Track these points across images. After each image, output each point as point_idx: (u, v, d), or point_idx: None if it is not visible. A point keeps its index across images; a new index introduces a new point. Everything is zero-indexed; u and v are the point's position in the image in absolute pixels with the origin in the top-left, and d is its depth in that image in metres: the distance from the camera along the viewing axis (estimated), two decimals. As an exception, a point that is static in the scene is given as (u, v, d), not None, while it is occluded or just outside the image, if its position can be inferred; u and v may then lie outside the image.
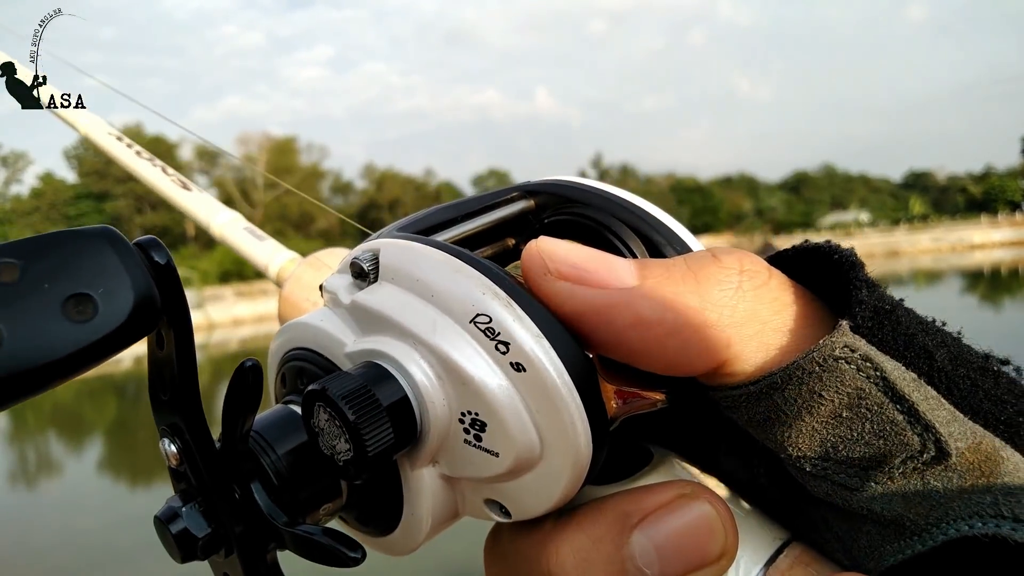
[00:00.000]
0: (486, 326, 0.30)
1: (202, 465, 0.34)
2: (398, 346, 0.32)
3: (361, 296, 0.34)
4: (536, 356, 0.29)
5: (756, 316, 0.30)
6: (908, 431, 0.28)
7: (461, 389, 0.31)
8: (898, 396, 0.28)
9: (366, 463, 0.30)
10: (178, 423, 0.33)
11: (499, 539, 0.36)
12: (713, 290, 0.30)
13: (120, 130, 0.86)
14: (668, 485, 0.32)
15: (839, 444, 0.29)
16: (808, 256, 0.33)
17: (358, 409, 0.30)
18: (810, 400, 0.29)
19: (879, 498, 0.29)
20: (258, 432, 0.35)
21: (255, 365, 0.33)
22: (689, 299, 0.29)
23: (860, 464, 0.29)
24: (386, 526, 0.36)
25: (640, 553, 0.30)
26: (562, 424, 0.30)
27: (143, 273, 0.27)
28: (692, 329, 0.29)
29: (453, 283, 0.31)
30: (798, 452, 0.30)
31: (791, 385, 0.29)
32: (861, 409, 0.28)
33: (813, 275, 0.32)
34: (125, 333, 0.26)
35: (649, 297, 0.29)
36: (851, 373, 0.28)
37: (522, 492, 0.32)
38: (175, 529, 0.34)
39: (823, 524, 0.32)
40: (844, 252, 0.31)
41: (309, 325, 0.36)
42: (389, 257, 0.34)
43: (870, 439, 0.28)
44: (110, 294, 0.26)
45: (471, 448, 0.31)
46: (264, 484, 0.34)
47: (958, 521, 0.27)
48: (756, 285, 0.30)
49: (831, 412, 0.29)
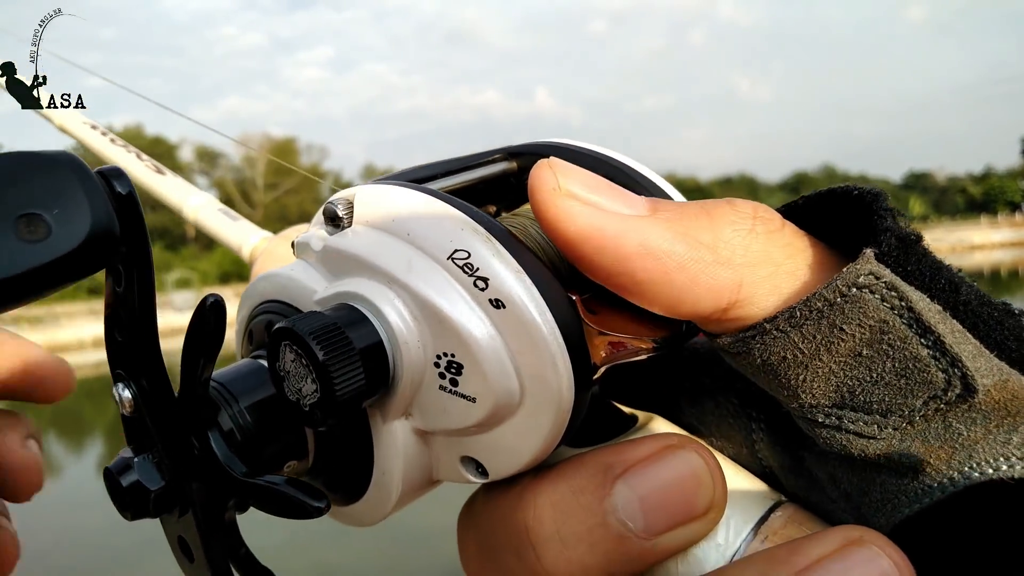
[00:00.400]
0: (464, 262, 0.29)
1: (159, 413, 0.32)
2: (371, 286, 0.31)
3: (334, 240, 0.33)
4: (516, 293, 0.28)
5: (769, 258, 0.28)
6: (932, 367, 0.26)
7: (437, 329, 0.29)
8: (924, 328, 0.26)
9: (334, 406, 0.29)
10: (134, 367, 0.32)
11: (472, 509, 0.35)
12: (726, 229, 0.28)
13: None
14: (654, 437, 0.31)
15: (856, 388, 0.27)
16: (823, 204, 0.31)
17: (327, 346, 0.28)
18: (830, 335, 0.27)
19: (898, 444, 0.27)
20: (221, 383, 0.33)
21: (216, 301, 0.31)
22: (701, 235, 0.28)
23: (879, 409, 0.27)
24: (355, 490, 0.34)
25: (623, 505, 0.29)
26: (543, 365, 0.28)
27: (103, 200, 0.26)
28: (702, 265, 0.27)
29: (430, 219, 0.30)
30: (811, 399, 0.28)
31: (810, 320, 0.27)
32: (883, 345, 0.26)
33: (830, 225, 0.31)
34: (79, 260, 0.25)
35: (660, 226, 0.28)
36: (875, 303, 0.26)
37: (499, 445, 0.31)
38: (126, 481, 0.32)
39: (830, 482, 0.30)
40: (863, 187, 0.29)
41: (278, 275, 0.35)
42: (364, 200, 0.33)
43: (891, 379, 0.27)
44: (65, 217, 0.25)
45: (446, 395, 0.30)
46: (225, 437, 0.32)
47: (983, 464, 0.25)
48: (769, 229, 0.29)
49: (850, 350, 0.27)
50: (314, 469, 0.35)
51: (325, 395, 0.28)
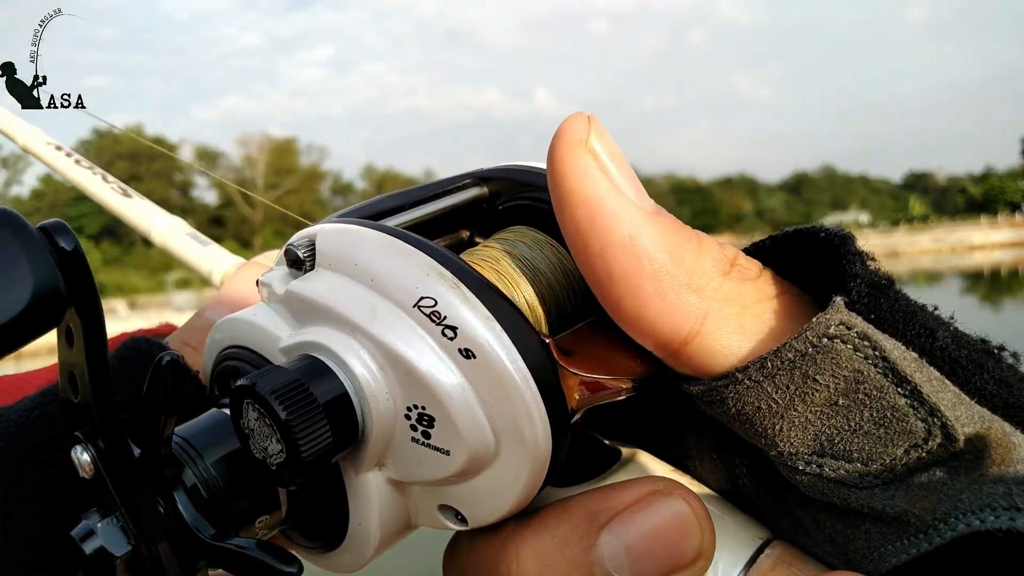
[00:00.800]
0: (431, 310, 0.28)
1: (119, 475, 0.30)
2: (336, 336, 0.29)
3: (296, 285, 0.31)
4: (487, 341, 0.27)
5: (738, 299, 0.28)
6: (911, 416, 0.26)
7: (406, 380, 0.28)
8: (900, 378, 0.26)
9: (300, 466, 0.27)
10: (90, 428, 0.30)
11: (456, 550, 0.34)
12: (707, 260, 0.28)
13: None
14: (638, 482, 0.30)
15: (835, 436, 0.27)
16: (793, 243, 0.30)
17: (290, 406, 0.27)
18: (803, 386, 0.26)
19: (880, 494, 0.26)
20: (184, 439, 0.32)
21: (173, 360, 0.29)
22: (686, 255, 0.27)
23: (859, 458, 0.27)
24: (332, 540, 0.33)
25: (609, 556, 0.28)
26: (517, 415, 0.27)
27: (45, 259, 0.25)
28: (675, 283, 0.27)
29: (394, 265, 0.29)
30: (790, 448, 0.28)
31: (782, 370, 0.26)
32: (859, 395, 0.26)
33: (804, 267, 0.30)
34: (23, 324, 0.24)
35: (653, 230, 0.27)
36: (847, 353, 0.26)
37: (478, 494, 0.30)
38: (90, 548, 0.30)
39: (813, 525, 0.29)
40: (832, 230, 0.29)
41: (241, 320, 0.33)
42: (326, 242, 0.31)
43: (870, 428, 0.26)
44: (6, 280, 0.24)
45: (419, 447, 0.29)
46: (191, 496, 0.31)
47: (968, 515, 0.25)
48: (744, 278, 0.29)
49: (826, 400, 0.26)
50: (287, 521, 0.34)
51: (291, 455, 0.27)
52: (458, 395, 0.28)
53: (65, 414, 0.31)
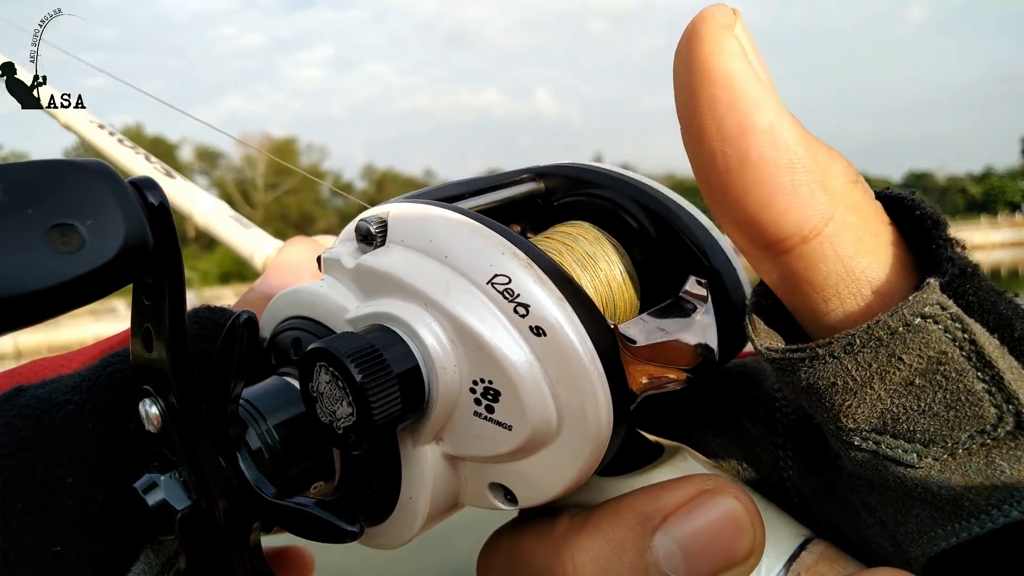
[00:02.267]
0: (504, 287, 0.28)
1: (187, 431, 0.31)
2: (407, 308, 0.30)
3: (367, 258, 0.32)
4: (558, 320, 0.27)
5: (861, 209, 0.27)
6: (985, 402, 0.25)
7: (475, 355, 0.29)
8: (984, 362, 0.25)
9: (370, 430, 0.28)
10: (162, 383, 0.31)
11: (498, 547, 0.34)
12: (837, 165, 0.27)
13: (121, 131, 0.86)
14: (689, 480, 0.30)
15: (901, 416, 0.27)
16: (890, 202, 0.30)
17: (366, 369, 0.28)
18: (887, 364, 0.26)
19: (936, 476, 0.26)
20: (248, 401, 0.33)
21: (251, 318, 0.30)
22: (820, 154, 0.27)
23: (920, 438, 0.26)
24: (379, 513, 0.34)
25: (665, 556, 0.28)
26: (583, 394, 0.28)
27: (136, 211, 0.25)
28: (810, 178, 0.26)
29: (470, 243, 0.30)
30: (852, 424, 0.27)
31: (868, 347, 0.26)
32: (938, 376, 0.26)
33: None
34: (111, 273, 0.24)
35: (791, 124, 0.27)
36: (938, 335, 0.26)
37: (532, 473, 0.30)
38: (153, 500, 0.31)
39: (864, 509, 0.30)
40: (927, 208, 0.29)
41: (306, 290, 0.34)
42: (399, 219, 0.32)
43: (939, 409, 0.26)
44: (99, 228, 0.24)
45: (481, 421, 0.29)
46: (253, 456, 0.32)
47: (1023, 503, 0.25)
48: (866, 190, 0.28)
49: (904, 379, 0.26)
50: (339, 490, 0.35)
51: (361, 419, 0.28)
52: (526, 371, 0.28)
53: (135, 370, 0.32)
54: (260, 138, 55.28)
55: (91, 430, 0.32)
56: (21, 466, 0.30)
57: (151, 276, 0.28)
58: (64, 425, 0.32)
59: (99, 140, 0.83)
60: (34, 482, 0.30)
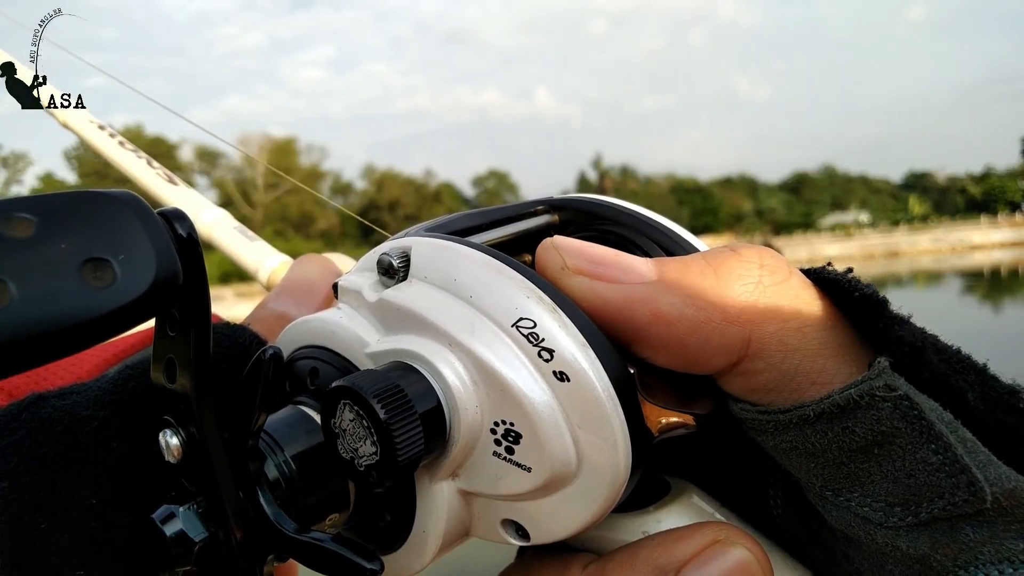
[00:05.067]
0: (529, 331, 0.29)
1: (208, 463, 0.31)
2: (430, 346, 0.30)
3: (390, 293, 0.32)
4: (581, 366, 0.28)
5: (777, 314, 0.29)
6: (942, 473, 0.27)
7: (497, 396, 0.29)
8: (935, 437, 0.27)
9: (394, 470, 0.28)
10: (184, 414, 0.31)
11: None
12: (734, 285, 0.29)
13: (121, 131, 0.85)
14: (701, 529, 0.30)
15: (866, 478, 0.28)
16: (827, 283, 0.31)
17: (392, 409, 0.28)
18: (842, 435, 0.28)
19: (905, 535, 0.28)
20: (265, 431, 0.33)
21: (277, 354, 0.30)
22: (709, 294, 0.29)
23: (887, 500, 0.28)
24: (389, 544, 0.34)
25: None
26: (603, 439, 0.28)
27: (167, 244, 0.25)
28: (712, 326, 0.28)
29: (495, 284, 0.30)
30: (822, 482, 0.29)
31: (822, 420, 0.28)
32: (895, 447, 0.27)
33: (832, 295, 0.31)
34: (142, 307, 0.24)
35: (668, 292, 0.29)
36: (888, 411, 0.27)
37: (548, 513, 0.30)
38: (171, 531, 0.31)
39: (843, 558, 0.31)
40: (866, 288, 0.30)
41: (326, 321, 0.34)
42: (423, 255, 0.32)
43: (900, 477, 0.27)
44: (131, 262, 0.24)
45: (500, 461, 0.30)
46: (271, 488, 0.31)
47: (987, 566, 0.26)
48: (776, 281, 0.29)
49: (861, 448, 0.28)
50: (352, 520, 0.35)
51: (385, 458, 0.28)
52: (548, 415, 0.28)
53: (156, 397, 0.32)
54: (260, 138, 55.29)
55: (116, 449, 0.32)
56: (45, 483, 0.30)
57: (178, 308, 0.28)
58: (89, 443, 0.32)
59: (101, 144, 0.81)
60: (59, 501, 0.30)
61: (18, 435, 0.31)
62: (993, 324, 14.82)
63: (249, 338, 0.39)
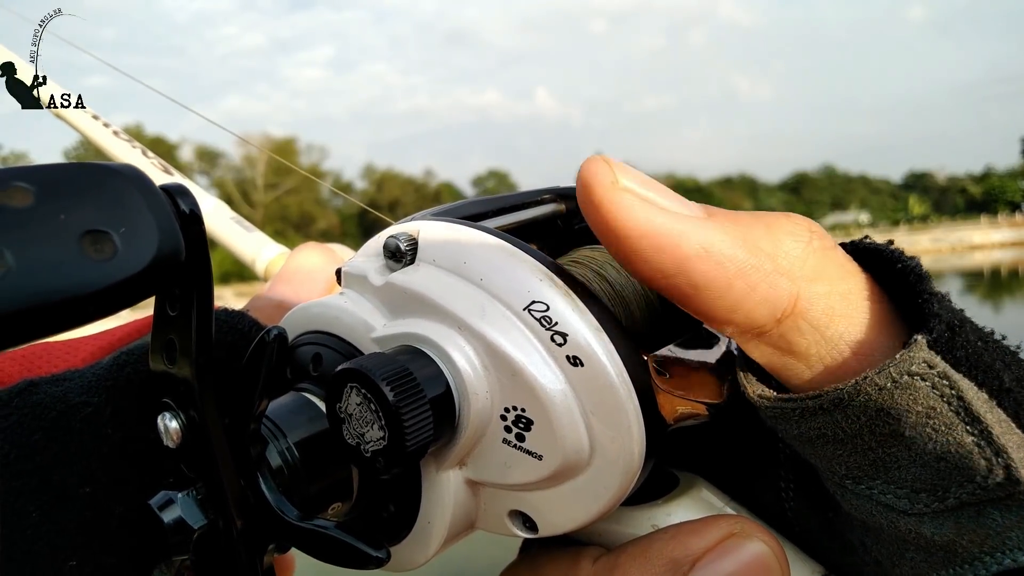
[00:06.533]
0: (542, 315, 0.28)
1: (209, 448, 0.30)
2: (439, 329, 0.29)
3: (398, 276, 0.31)
4: (596, 351, 0.27)
5: (825, 275, 0.28)
6: (976, 454, 0.26)
7: (508, 381, 0.28)
8: (972, 417, 0.26)
9: (402, 455, 0.27)
10: (184, 397, 0.30)
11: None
12: (786, 239, 0.28)
13: (120, 130, 0.84)
14: (715, 523, 0.30)
15: (893, 464, 0.27)
16: (867, 253, 0.30)
17: (401, 392, 0.27)
18: (875, 418, 0.26)
19: (929, 522, 0.27)
20: (268, 417, 0.32)
21: (281, 335, 0.29)
22: (761, 242, 0.27)
23: (913, 486, 0.27)
24: (393, 535, 0.33)
25: None
26: (617, 427, 0.27)
27: (169, 219, 0.24)
28: (762, 272, 0.27)
29: (506, 267, 0.29)
30: (844, 470, 0.28)
31: (857, 401, 0.26)
32: (927, 429, 0.26)
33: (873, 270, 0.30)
34: (144, 281, 0.23)
35: (720, 231, 0.27)
36: (926, 391, 0.26)
37: (557, 503, 0.29)
38: (169, 518, 0.30)
39: (861, 548, 0.30)
40: (908, 261, 0.29)
41: (329, 305, 0.33)
42: (431, 238, 0.31)
43: (930, 460, 0.26)
44: (132, 236, 0.23)
45: (510, 449, 0.29)
46: (273, 475, 0.30)
47: (1015, 551, 0.25)
48: (825, 246, 0.28)
49: (893, 431, 0.27)
50: (355, 510, 0.34)
51: (393, 443, 0.27)
52: (560, 401, 0.27)
53: (152, 381, 0.31)
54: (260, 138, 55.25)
55: (110, 436, 0.31)
56: (37, 471, 0.29)
57: (179, 287, 0.27)
58: (82, 430, 0.31)
59: (95, 133, 0.80)
60: (50, 490, 0.29)
61: (9, 422, 0.30)
62: (993, 324, 14.74)
63: (248, 324, 0.38)
